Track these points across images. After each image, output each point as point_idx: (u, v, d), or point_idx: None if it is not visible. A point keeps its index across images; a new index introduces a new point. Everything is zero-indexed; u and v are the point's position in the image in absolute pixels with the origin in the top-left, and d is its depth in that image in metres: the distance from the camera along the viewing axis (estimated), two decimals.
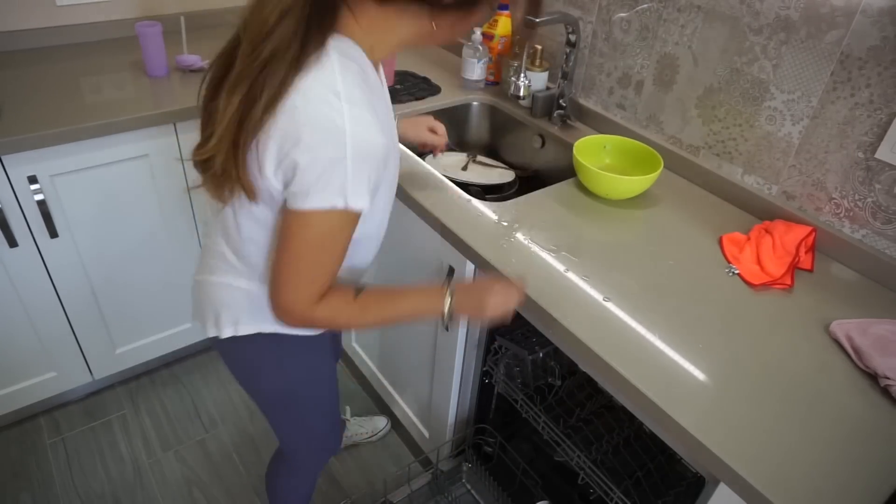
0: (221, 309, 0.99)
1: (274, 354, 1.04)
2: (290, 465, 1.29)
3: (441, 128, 1.39)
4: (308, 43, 0.76)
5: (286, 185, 0.79)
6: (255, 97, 0.76)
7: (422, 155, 1.52)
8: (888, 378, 0.92)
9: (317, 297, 0.86)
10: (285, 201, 0.81)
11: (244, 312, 0.98)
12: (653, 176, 1.31)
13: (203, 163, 0.87)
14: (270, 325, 0.99)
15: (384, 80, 0.96)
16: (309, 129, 0.75)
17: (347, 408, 1.92)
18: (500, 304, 0.98)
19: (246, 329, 0.99)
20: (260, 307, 0.96)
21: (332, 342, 1.19)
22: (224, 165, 0.81)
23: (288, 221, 0.81)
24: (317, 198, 0.77)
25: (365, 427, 1.87)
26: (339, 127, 0.75)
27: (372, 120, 0.78)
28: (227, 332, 0.99)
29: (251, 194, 0.83)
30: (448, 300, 0.95)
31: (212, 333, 1.02)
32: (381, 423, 1.90)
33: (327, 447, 1.29)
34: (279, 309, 0.88)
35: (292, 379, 1.09)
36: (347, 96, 0.76)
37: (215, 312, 1.00)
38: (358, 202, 0.79)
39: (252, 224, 0.90)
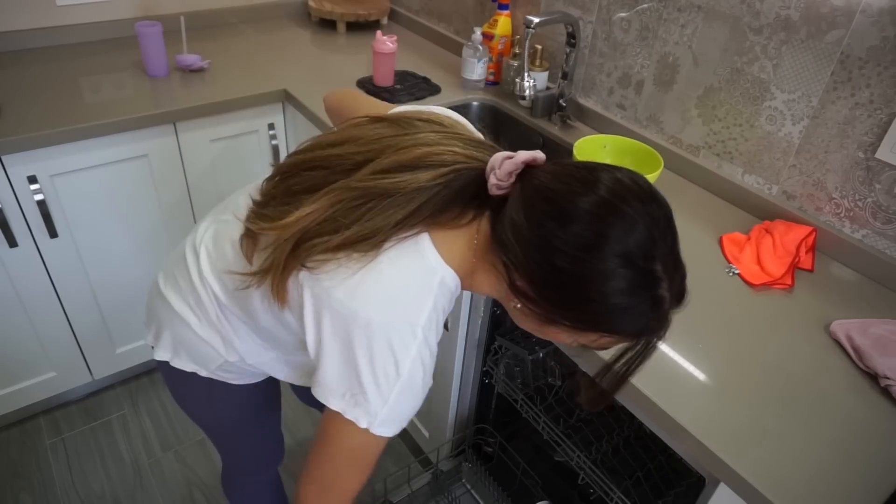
0: (164, 332, 0.95)
1: (205, 393, 1.00)
2: (235, 484, 1.26)
3: None
4: (449, 210, 0.71)
5: (318, 368, 0.74)
6: (344, 221, 0.70)
7: None
8: (888, 378, 0.92)
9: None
10: (313, 387, 0.76)
11: (185, 350, 0.94)
12: (653, 176, 1.31)
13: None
14: (206, 371, 0.96)
15: None
16: (365, 344, 0.70)
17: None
18: None
19: (181, 365, 0.95)
20: (205, 356, 0.93)
21: (273, 393, 1.14)
22: (272, 260, 0.75)
23: (330, 422, 0.75)
24: (352, 412, 0.72)
25: None
26: (399, 363, 0.71)
27: (430, 358, 0.74)
28: (161, 356, 0.96)
29: (281, 301, 0.77)
30: None
31: (149, 343, 0.99)
32: None
33: (264, 468, 1.23)
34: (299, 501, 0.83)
35: (222, 417, 1.06)
36: (423, 337, 0.71)
37: (158, 329, 0.96)
38: (385, 431, 0.74)
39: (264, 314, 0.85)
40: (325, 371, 0.73)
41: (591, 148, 1.44)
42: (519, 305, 0.70)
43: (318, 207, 0.72)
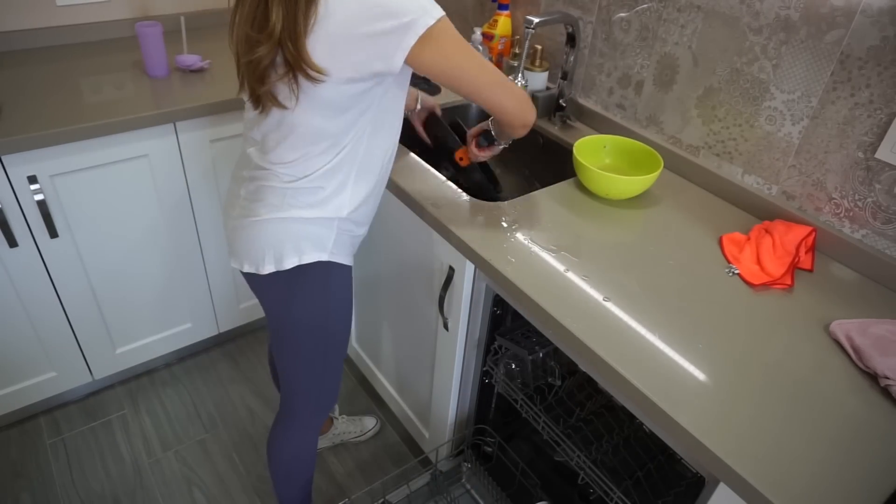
0: (286, 242, 1.07)
1: (324, 282, 1.13)
2: (294, 424, 1.33)
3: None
4: None
5: (382, 50, 0.90)
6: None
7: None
8: (888, 378, 0.92)
9: (516, 89, 1.05)
10: (399, 64, 0.92)
11: (307, 242, 1.08)
12: (653, 176, 1.31)
13: (260, 74, 0.97)
14: (327, 255, 1.10)
15: None
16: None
17: (336, 406, 1.92)
18: None
19: (309, 257, 1.08)
20: (322, 237, 1.09)
21: None
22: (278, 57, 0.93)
23: (428, 68, 0.95)
24: (416, 25, 0.89)
25: (353, 427, 1.87)
26: None
27: None
28: (289, 264, 1.08)
29: (321, 73, 0.92)
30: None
31: (269, 270, 1.09)
32: (370, 423, 1.90)
33: (326, 400, 1.32)
34: (524, 124, 1.09)
35: (330, 308, 1.17)
36: None
37: (277, 247, 1.08)
38: (438, 10, 0.91)
39: (322, 130, 1.00)
40: (381, 41, 0.90)
41: (591, 148, 1.44)
42: None
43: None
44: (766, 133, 1.29)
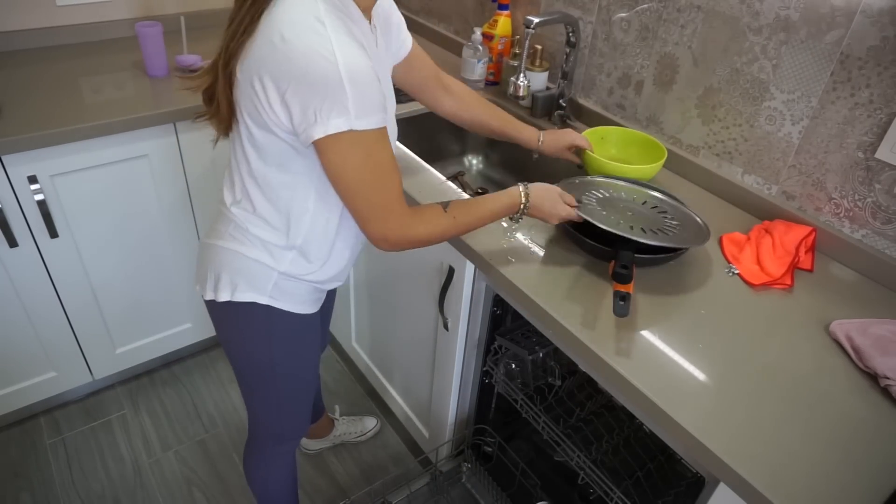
0: (222, 273, 1.02)
1: (264, 326, 1.07)
2: (260, 452, 1.31)
3: (585, 143, 1.36)
4: None
5: (293, 121, 0.85)
6: (237, 26, 0.86)
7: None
8: (888, 378, 0.92)
9: (405, 214, 0.93)
10: (306, 143, 0.87)
11: (243, 279, 1.02)
12: (657, 165, 1.31)
13: (207, 95, 0.97)
14: (266, 298, 1.03)
15: (376, 27, 1.03)
16: (302, 63, 0.80)
17: (337, 407, 1.92)
18: (559, 212, 1.09)
19: (242, 296, 1.02)
20: (259, 278, 1.02)
21: (320, 326, 1.21)
22: (215, 89, 0.93)
23: (325, 159, 0.87)
24: (329, 125, 0.82)
25: (354, 427, 1.87)
26: (330, 60, 0.79)
27: (355, 45, 0.82)
28: (223, 297, 1.03)
29: (230, 108, 0.92)
30: (524, 203, 1.06)
31: (209, 297, 1.05)
32: (371, 423, 1.90)
33: (292, 432, 1.29)
34: (382, 241, 0.94)
35: (275, 354, 1.11)
36: (331, 25, 0.81)
37: (216, 275, 1.03)
38: (371, 123, 0.84)
39: (261, 162, 0.95)
40: (304, 113, 0.83)
41: (592, 139, 1.44)
42: None
43: (223, 35, 0.89)
44: (766, 133, 1.29)
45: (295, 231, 0.99)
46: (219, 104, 0.94)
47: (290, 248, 1.01)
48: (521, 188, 1.07)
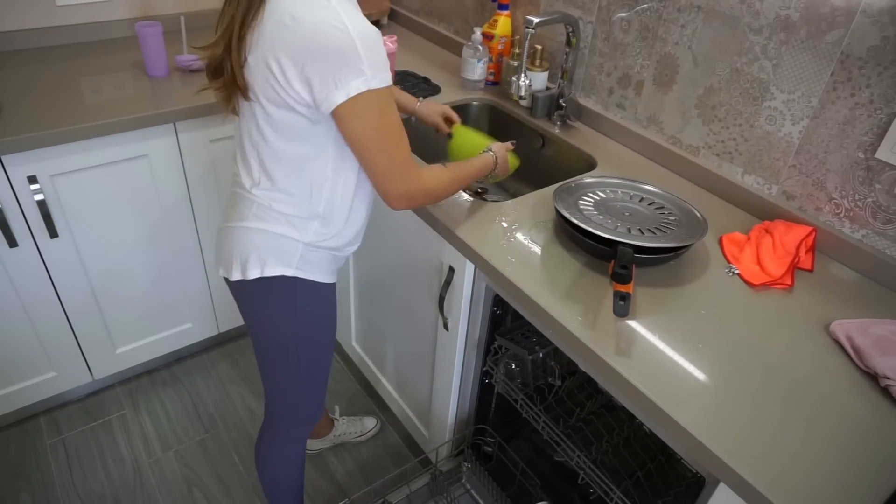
0: (251, 251, 1.07)
1: (291, 297, 1.12)
2: (275, 434, 1.33)
3: (455, 117, 1.50)
4: None
5: (314, 93, 0.91)
6: (245, 11, 0.90)
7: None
8: (888, 378, 0.92)
9: (415, 174, 1.02)
10: (327, 112, 0.93)
11: (271, 255, 1.07)
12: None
13: (213, 70, 1.01)
14: (293, 270, 1.09)
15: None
16: (317, 37, 0.87)
17: (337, 407, 1.92)
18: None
19: (272, 270, 1.07)
20: (286, 252, 1.07)
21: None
22: (224, 64, 0.96)
23: (345, 124, 0.94)
24: (349, 87, 0.89)
25: (354, 427, 1.87)
26: (342, 28, 0.87)
27: (361, 14, 0.92)
28: (253, 274, 1.07)
29: (245, 92, 0.96)
30: (495, 157, 1.26)
31: (236, 277, 1.10)
32: (371, 423, 1.90)
33: (307, 413, 1.31)
34: (400, 196, 1.03)
35: (301, 325, 1.16)
36: (336, 2, 0.89)
37: (243, 256, 1.08)
38: (383, 80, 0.92)
39: (280, 154, 1.01)
40: (324, 83, 0.89)
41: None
42: None
43: (228, 8, 0.94)
44: (766, 133, 1.29)
45: (317, 199, 1.05)
46: (228, 81, 0.98)
47: (313, 217, 1.07)
48: (491, 151, 1.27)
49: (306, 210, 1.06)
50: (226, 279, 1.14)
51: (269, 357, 1.21)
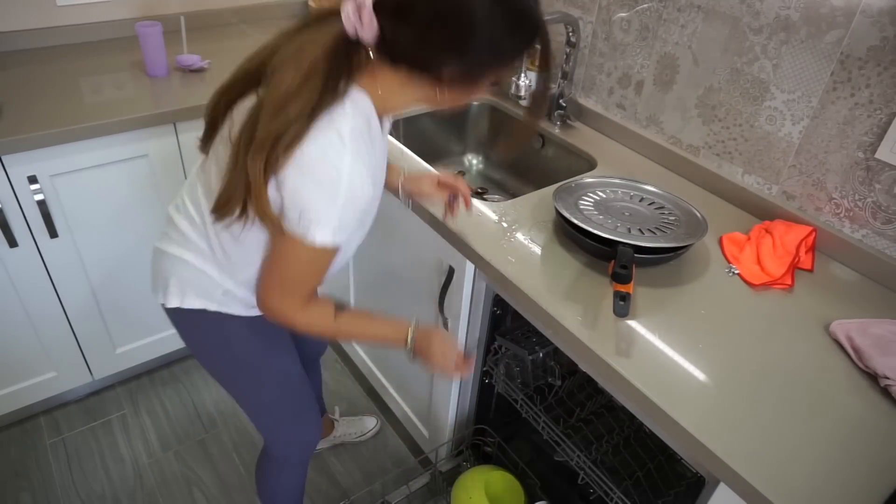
0: (171, 279, 1.03)
1: (220, 332, 1.07)
2: (272, 459, 1.30)
3: (453, 179, 1.20)
4: (328, 98, 0.82)
5: (283, 209, 0.85)
6: (277, 152, 0.81)
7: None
8: (888, 378, 0.92)
9: (300, 304, 0.96)
10: (279, 228, 0.86)
11: (191, 287, 1.02)
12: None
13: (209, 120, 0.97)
14: (215, 305, 1.03)
15: (386, 130, 1.04)
16: (312, 169, 0.82)
17: (337, 408, 1.92)
18: (441, 359, 1.07)
19: (191, 304, 1.03)
20: (206, 287, 1.02)
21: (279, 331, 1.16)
22: (256, 211, 0.85)
23: (283, 241, 0.88)
24: (310, 232, 0.85)
25: (354, 427, 1.87)
26: (338, 175, 0.82)
27: (366, 173, 0.86)
28: (172, 303, 1.03)
29: (275, 227, 0.87)
30: (411, 337, 1.06)
31: (160, 301, 1.06)
32: (370, 423, 1.90)
33: (302, 437, 1.27)
34: (265, 307, 0.97)
35: (240, 356, 1.11)
36: (352, 147, 0.83)
37: (164, 282, 1.04)
38: (340, 240, 0.88)
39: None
40: (295, 213, 0.84)
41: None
42: (440, 82, 0.85)
43: (255, 164, 0.82)
44: (766, 133, 1.29)
45: (242, 269, 0.99)
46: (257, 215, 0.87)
47: (232, 280, 1.01)
48: (410, 328, 1.06)
49: (228, 272, 1.00)
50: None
51: (231, 391, 1.17)
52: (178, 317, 1.06)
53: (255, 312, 1.06)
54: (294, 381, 1.20)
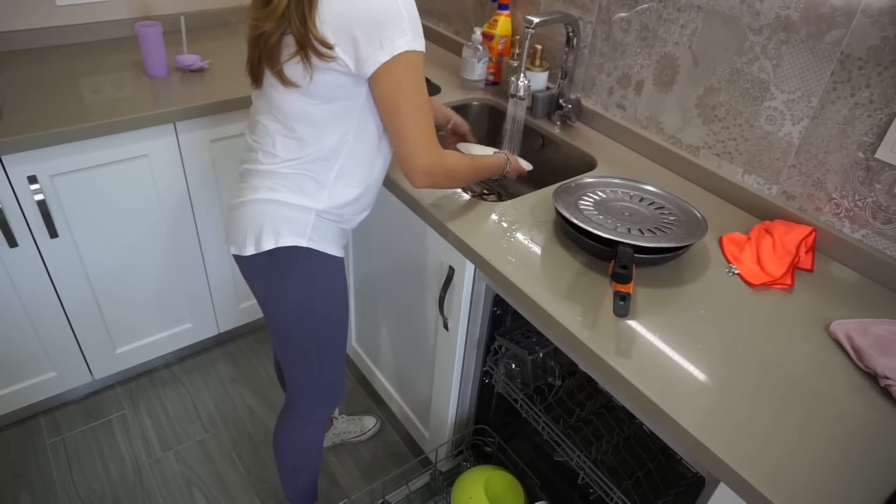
0: (265, 223, 1.09)
1: (305, 268, 1.13)
2: (299, 415, 1.34)
3: (464, 127, 1.51)
4: None
5: (359, 53, 0.94)
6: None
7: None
8: (888, 378, 0.92)
9: (440, 147, 1.06)
10: (370, 72, 0.96)
11: (285, 226, 1.09)
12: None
13: (257, 38, 1.01)
14: (306, 241, 1.11)
15: None
16: (366, 4, 0.92)
17: (336, 408, 1.92)
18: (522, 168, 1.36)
19: (286, 241, 1.09)
20: (299, 222, 1.10)
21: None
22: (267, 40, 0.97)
23: (382, 85, 0.98)
24: (396, 45, 0.94)
25: (353, 426, 1.87)
26: None
27: None
28: (268, 245, 1.09)
29: (329, 47, 0.95)
30: (507, 162, 1.32)
31: (249, 251, 1.11)
32: (370, 422, 1.90)
33: (327, 393, 1.31)
34: (423, 173, 1.06)
35: (317, 296, 1.17)
36: None
37: (257, 229, 1.09)
38: (422, 44, 0.98)
39: (305, 115, 1.03)
40: (370, 41, 0.94)
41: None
42: None
43: None
44: (766, 133, 1.29)
45: (334, 161, 1.08)
46: (298, 40, 0.98)
47: (326, 182, 1.09)
48: (505, 154, 1.32)
49: (321, 174, 1.08)
50: (236, 257, 1.15)
51: (288, 333, 1.21)
52: (268, 260, 1.11)
53: (335, 252, 1.16)
54: (346, 332, 1.28)
